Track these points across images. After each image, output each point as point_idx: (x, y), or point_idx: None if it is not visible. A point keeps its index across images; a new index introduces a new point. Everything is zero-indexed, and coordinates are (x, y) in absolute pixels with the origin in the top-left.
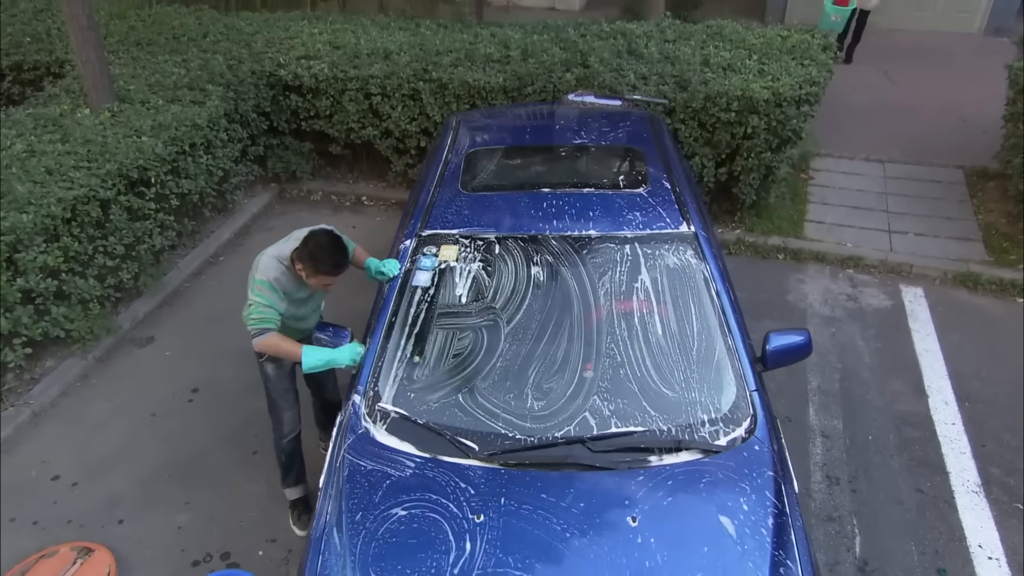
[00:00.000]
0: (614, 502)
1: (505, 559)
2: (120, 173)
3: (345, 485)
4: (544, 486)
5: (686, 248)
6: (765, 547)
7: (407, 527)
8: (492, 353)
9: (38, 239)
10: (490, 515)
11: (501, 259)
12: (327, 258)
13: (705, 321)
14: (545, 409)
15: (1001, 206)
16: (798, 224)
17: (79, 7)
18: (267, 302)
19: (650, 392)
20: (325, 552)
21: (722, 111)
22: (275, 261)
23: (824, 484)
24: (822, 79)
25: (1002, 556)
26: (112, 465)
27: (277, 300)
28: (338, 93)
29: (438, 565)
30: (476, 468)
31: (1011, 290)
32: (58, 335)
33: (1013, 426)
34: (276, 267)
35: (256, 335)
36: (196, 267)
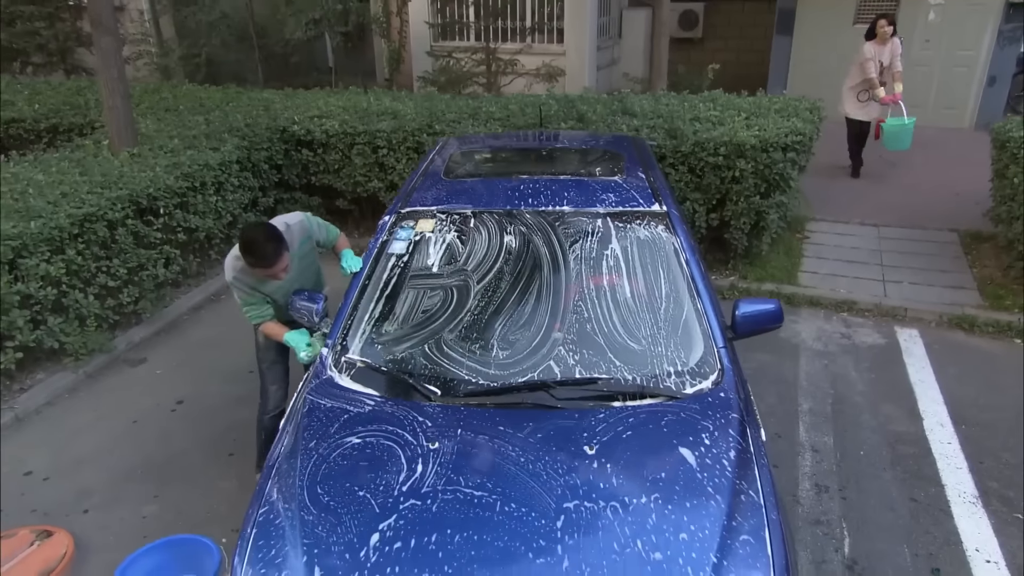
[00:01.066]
0: (572, 434)
1: (456, 479)
2: (130, 199)
3: (303, 420)
4: (502, 420)
5: (657, 224)
6: (726, 475)
7: (360, 452)
8: (460, 309)
9: (43, 247)
10: (445, 443)
11: (476, 230)
12: (248, 255)
13: (674, 285)
14: (510, 358)
15: (996, 262)
16: (792, 273)
17: (112, 59)
18: (245, 301)
19: (616, 346)
20: (276, 476)
21: (710, 155)
22: (233, 259)
23: (812, 492)
24: (808, 130)
25: (1000, 560)
26: (86, 464)
27: (248, 294)
28: (347, 147)
29: (387, 483)
30: (436, 405)
31: (1008, 332)
32: (52, 346)
33: (1013, 447)
34: (233, 265)
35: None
36: (196, 303)
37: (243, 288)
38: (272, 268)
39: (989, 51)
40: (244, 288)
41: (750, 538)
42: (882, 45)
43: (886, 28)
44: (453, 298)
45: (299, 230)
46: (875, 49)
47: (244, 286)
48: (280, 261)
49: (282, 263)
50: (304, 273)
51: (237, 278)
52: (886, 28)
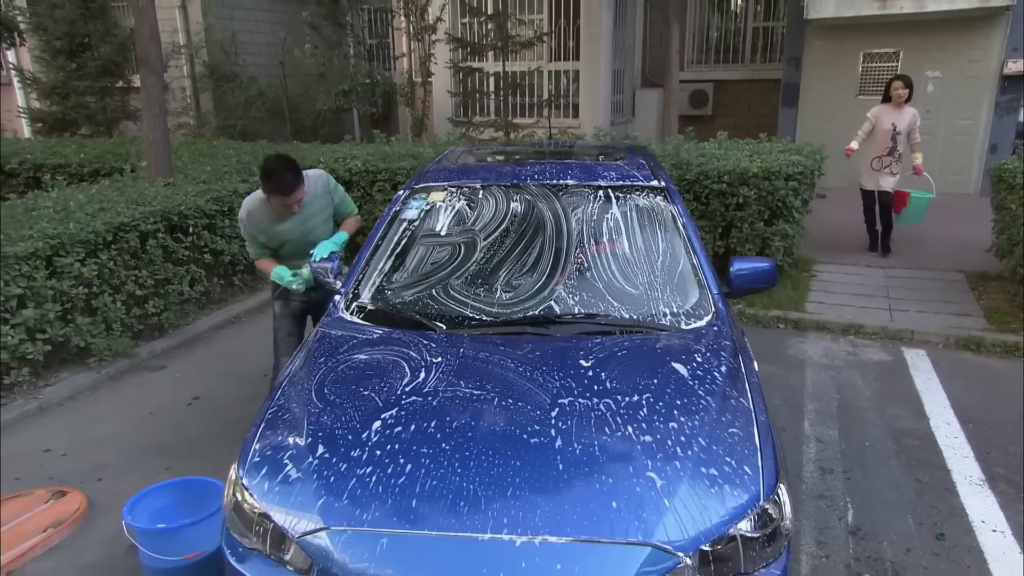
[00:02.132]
0: (569, 352)
1: (457, 383)
2: (162, 215)
3: (314, 345)
4: (504, 343)
5: (655, 195)
6: (716, 383)
7: (367, 364)
8: (467, 260)
9: (79, 248)
10: (448, 357)
11: (484, 199)
12: (268, 181)
13: (671, 243)
14: (513, 300)
15: (1002, 295)
16: (799, 303)
17: (156, 97)
18: (245, 237)
19: (615, 290)
20: (285, 386)
21: (714, 183)
22: (249, 200)
23: (816, 473)
24: (808, 163)
25: (1007, 529)
26: (103, 444)
27: (250, 236)
28: (368, 184)
29: (391, 386)
30: (441, 334)
31: (1016, 352)
32: (79, 344)
33: (1020, 442)
34: (250, 208)
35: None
36: (218, 323)
37: (245, 229)
38: (288, 197)
39: (988, 120)
40: (246, 229)
41: (739, 431)
42: (897, 109)
43: (901, 91)
44: (460, 252)
45: (317, 182)
46: (887, 113)
47: (250, 226)
48: (296, 192)
49: (298, 194)
50: (321, 227)
51: (249, 215)
52: (901, 91)
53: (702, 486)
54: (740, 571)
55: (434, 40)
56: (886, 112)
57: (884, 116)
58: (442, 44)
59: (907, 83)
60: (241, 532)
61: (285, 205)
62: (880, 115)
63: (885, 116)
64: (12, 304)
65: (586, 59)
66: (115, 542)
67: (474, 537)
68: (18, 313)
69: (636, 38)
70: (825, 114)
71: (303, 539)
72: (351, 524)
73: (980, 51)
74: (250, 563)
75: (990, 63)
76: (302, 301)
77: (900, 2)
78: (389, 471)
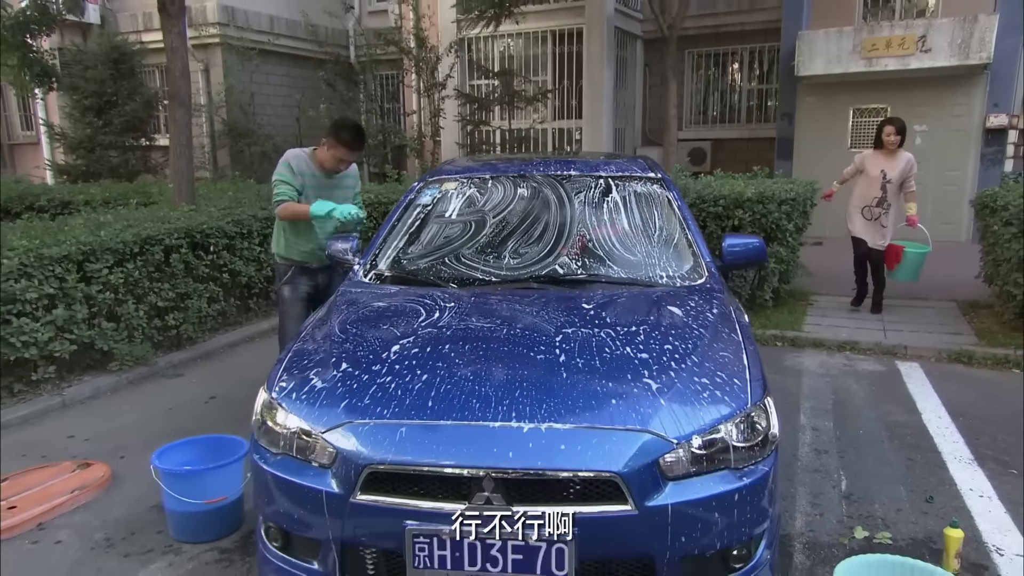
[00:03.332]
0: (573, 298)
1: (469, 319)
2: (186, 232)
3: (335, 299)
4: (512, 293)
5: (653, 184)
6: (708, 320)
7: (386, 308)
8: (478, 234)
9: (107, 256)
10: (461, 302)
11: (494, 187)
12: (346, 132)
13: (667, 221)
14: (520, 264)
15: (993, 319)
16: (796, 324)
17: (183, 128)
18: (283, 178)
19: (615, 257)
20: (310, 327)
21: (711, 206)
22: (297, 150)
23: (812, 454)
24: (801, 192)
25: (993, 495)
26: (124, 432)
27: (292, 177)
28: (380, 216)
29: (408, 323)
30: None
31: (1006, 364)
32: (102, 348)
33: (1010, 431)
34: (295, 154)
35: (275, 207)
36: (233, 340)
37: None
38: (352, 153)
39: (975, 171)
40: (290, 169)
41: (729, 355)
42: (888, 156)
43: (892, 137)
44: (471, 228)
45: (352, 167)
46: (877, 159)
47: (294, 168)
48: (359, 152)
49: (356, 155)
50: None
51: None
52: (892, 137)
53: (694, 391)
54: (730, 467)
55: (443, 96)
56: (876, 158)
57: (873, 162)
58: (451, 100)
59: (899, 128)
60: (270, 441)
61: (339, 160)
62: (868, 160)
63: (873, 162)
64: (44, 302)
65: (588, 118)
66: (139, 502)
67: (486, 425)
68: (50, 312)
69: (636, 99)
70: (818, 166)
71: (327, 433)
72: (372, 418)
73: (963, 106)
74: (278, 464)
75: (973, 117)
76: (310, 285)
77: (885, 60)
78: (407, 379)
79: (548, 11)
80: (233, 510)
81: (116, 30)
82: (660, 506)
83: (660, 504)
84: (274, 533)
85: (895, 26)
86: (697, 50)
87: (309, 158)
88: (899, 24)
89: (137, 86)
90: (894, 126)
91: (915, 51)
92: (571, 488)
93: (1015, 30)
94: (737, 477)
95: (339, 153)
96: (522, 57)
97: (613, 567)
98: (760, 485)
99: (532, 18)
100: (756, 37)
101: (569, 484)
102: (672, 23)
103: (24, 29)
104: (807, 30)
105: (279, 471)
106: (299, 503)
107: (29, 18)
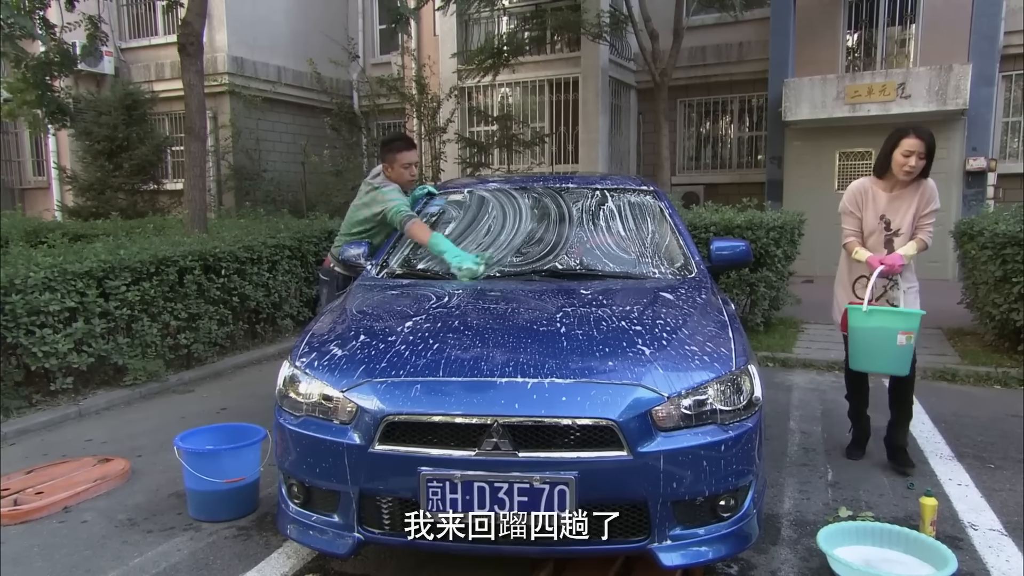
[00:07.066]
0: (572, 287)
1: (476, 302)
2: (199, 255)
3: (352, 289)
4: (517, 282)
5: (646, 195)
6: (697, 303)
7: (400, 294)
8: (484, 236)
9: (126, 274)
10: (468, 290)
11: (497, 197)
12: (392, 142)
13: (659, 227)
14: (523, 262)
15: (977, 343)
16: (786, 347)
17: (198, 160)
18: (395, 191)
19: (611, 255)
20: (328, 310)
21: (702, 232)
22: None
23: (801, 452)
24: (789, 220)
25: (970, 483)
26: (139, 436)
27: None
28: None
29: (419, 304)
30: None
31: (988, 381)
32: (117, 363)
33: (990, 434)
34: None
35: (404, 222)
36: (241, 363)
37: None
38: (411, 149)
39: (958, 212)
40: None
41: (716, 330)
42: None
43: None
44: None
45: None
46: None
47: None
48: (415, 148)
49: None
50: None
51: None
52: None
53: (683, 356)
54: (717, 422)
55: (444, 140)
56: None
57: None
58: (452, 143)
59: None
60: (292, 406)
61: (405, 166)
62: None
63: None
64: (65, 315)
65: (584, 162)
66: (158, 491)
67: (493, 380)
68: (70, 325)
69: (631, 146)
70: (805, 206)
71: (348, 392)
72: (390, 377)
73: (944, 150)
74: (302, 423)
75: (954, 160)
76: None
77: (868, 106)
78: (420, 348)
79: (546, 61)
80: (250, 492)
81: (129, 80)
82: (653, 452)
83: (653, 451)
84: (296, 491)
85: (876, 74)
86: (688, 99)
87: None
88: (879, 72)
89: (148, 131)
90: (922, 140)
91: (896, 97)
92: (572, 435)
93: (989, 79)
94: (723, 431)
95: (402, 159)
96: (520, 104)
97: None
98: (744, 439)
99: (530, 68)
100: (744, 87)
101: (570, 431)
102: (664, 71)
103: (46, 71)
104: (793, 78)
105: (303, 429)
106: (321, 457)
107: (51, 60)
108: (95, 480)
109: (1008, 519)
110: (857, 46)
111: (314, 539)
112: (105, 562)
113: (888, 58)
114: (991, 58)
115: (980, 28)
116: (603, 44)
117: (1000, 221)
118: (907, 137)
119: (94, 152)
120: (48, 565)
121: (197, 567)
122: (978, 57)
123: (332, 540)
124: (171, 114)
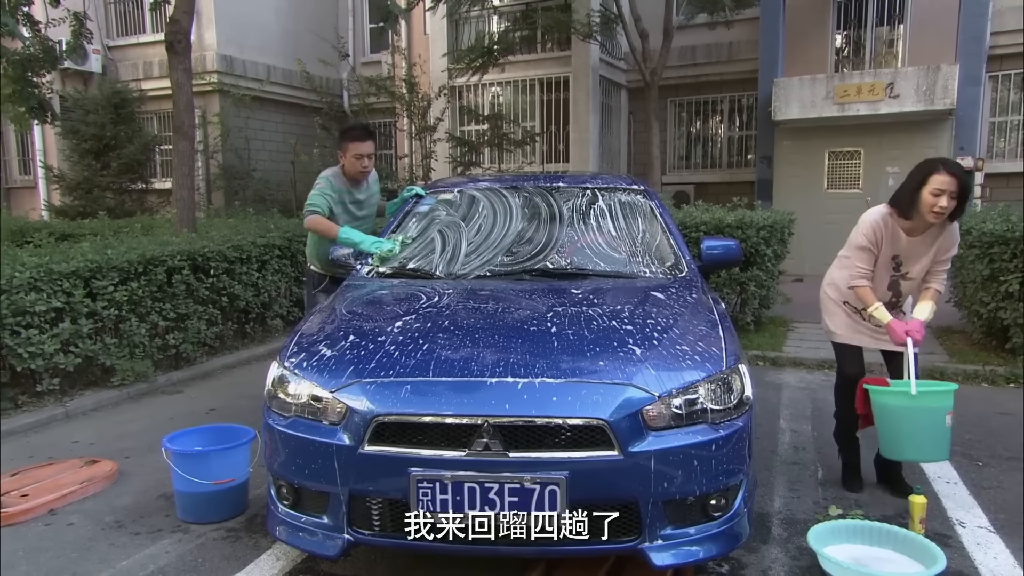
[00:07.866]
0: (563, 287)
1: (466, 301)
2: (188, 254)
3: (341, 289)
4: (507, 282)
5: (636, 194)
6: (688, 302)
7: (389, 294)
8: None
9: (113, 274)
10: (458, 288)
11: (488, 196)
12: (349, 130)
13: (650, 226)
14: (513, 261)
15: (965, 342)
16: (776, 346)
17: (186, 159)
18: (319, 192)
19: (602, 255)
20: (316, 310)
21: (693, 232)
22: (329, 169)
23: (791, 450)
24: (779, 220)
25: (958, 480)
26: (127, 437)
27: (329, 191)
28: None
29: (409, 304)
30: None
31: (975, 379)
32: (104, 364)
33: (977, 431)
34: (332, 171)
35: (305, 215)
36: (230, 363)
37: (328, 183)
38: (364, 141)
39: None
40: (329, 184)
41: (706, 329)
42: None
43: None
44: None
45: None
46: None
47: (332, 184)
48: (368, 143)
49: (369, 147)
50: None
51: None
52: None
53: (674, 356)
54: (707, 421)
55: (435, 139)
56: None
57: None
58: (442, 142)
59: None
60: (281, 406)
61: (357, 157)
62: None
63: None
64: (51, 315)
65: (575, 161)
66: (145, 493)
67: (483, 380)
68: (57, 325)
69: (621, 145)
70: (796, 207)
71: (337, 392)
72: (379, 377)
73: (931, 149)
74: (291, 424)
75: None
76: None
77: (857, 106)
78: (410, 348)
79: (536, 60)
80: (239, 493)
81: (117, 78)
82: (643, 452)
83: (643, 450)
84: (285, 492)
85: (864, 74)
86: (679, 99)
87: (339, 175)
88: (868, 72)
89: (136, 130)
90: (955, 178)
91: (884, 97)
92: (562, 435)
93: (976, 79)
94: (714, 430)
95: (353, 148)
96: (511, 104)
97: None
98: (734, 438)
99: (521, 67)
100: (735, 86)
101: (560, 431)
102: (654, 70)
103: (27, 66)
104: (782, 77)
105: (292, 430)
106: (311, 458)
107: (33, 56)
108: (82, 482)
109: (996, 516)
110: (846, 46)
111: (304, 540)
112: (92, 565)
113: (877, 58)
114: (978, 58)
115: (967, 28)
116: (593, 44)
117: (987, 220)
118: (937, 173)
119: (81, 151)
120: (34, 568)
121: (185, 569)
122: (965, 57)
123: (322, 541)
124: (159, 113)
